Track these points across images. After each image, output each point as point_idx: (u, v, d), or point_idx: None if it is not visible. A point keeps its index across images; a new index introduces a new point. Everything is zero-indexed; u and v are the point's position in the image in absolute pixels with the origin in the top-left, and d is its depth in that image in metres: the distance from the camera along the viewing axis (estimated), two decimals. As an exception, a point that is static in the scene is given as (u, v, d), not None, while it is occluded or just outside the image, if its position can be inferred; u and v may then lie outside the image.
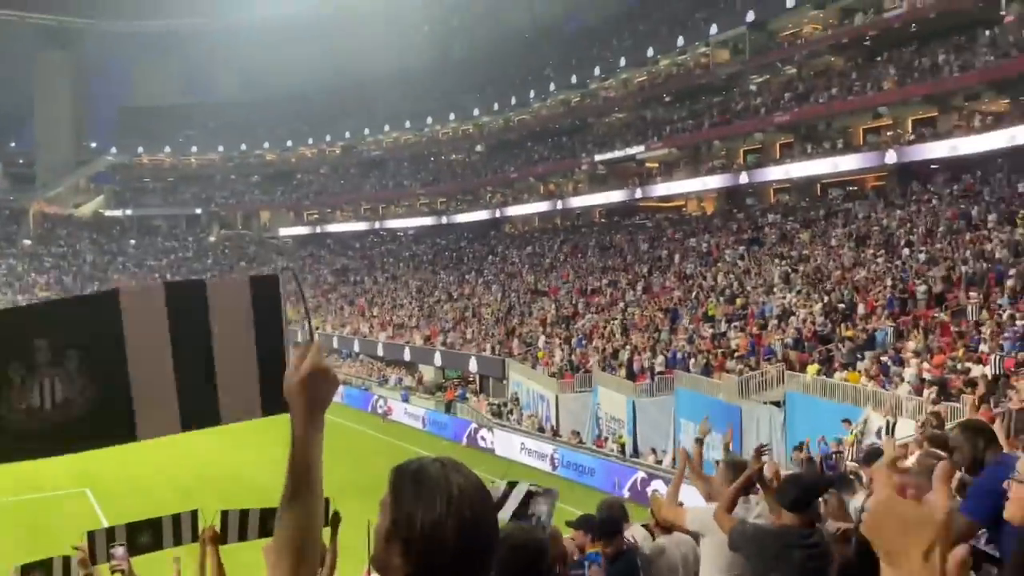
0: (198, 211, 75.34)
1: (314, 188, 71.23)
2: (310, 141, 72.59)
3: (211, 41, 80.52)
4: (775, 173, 36.72)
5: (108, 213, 76.23)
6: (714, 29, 42.43)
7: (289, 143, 73.51)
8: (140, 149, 77.66)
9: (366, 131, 68.81)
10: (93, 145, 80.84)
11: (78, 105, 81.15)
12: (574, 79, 52.40)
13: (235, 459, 22.05)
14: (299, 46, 75.03)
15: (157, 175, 78.54)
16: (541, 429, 26.12)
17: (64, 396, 1.26)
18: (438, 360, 36.88)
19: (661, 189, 42.34)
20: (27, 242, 71.82)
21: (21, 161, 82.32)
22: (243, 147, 75.54)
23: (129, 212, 75.53)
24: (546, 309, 35.01)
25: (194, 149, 77.77)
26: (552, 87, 54.02)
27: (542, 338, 31.45)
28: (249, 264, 66.62)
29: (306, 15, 73.90)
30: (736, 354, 22.23)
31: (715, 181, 39.49)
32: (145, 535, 5.41)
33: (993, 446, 3.44)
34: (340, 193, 68.45)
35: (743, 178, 37.79)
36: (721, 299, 27.15)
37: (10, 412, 1.24)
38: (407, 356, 39.14)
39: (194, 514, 5.54)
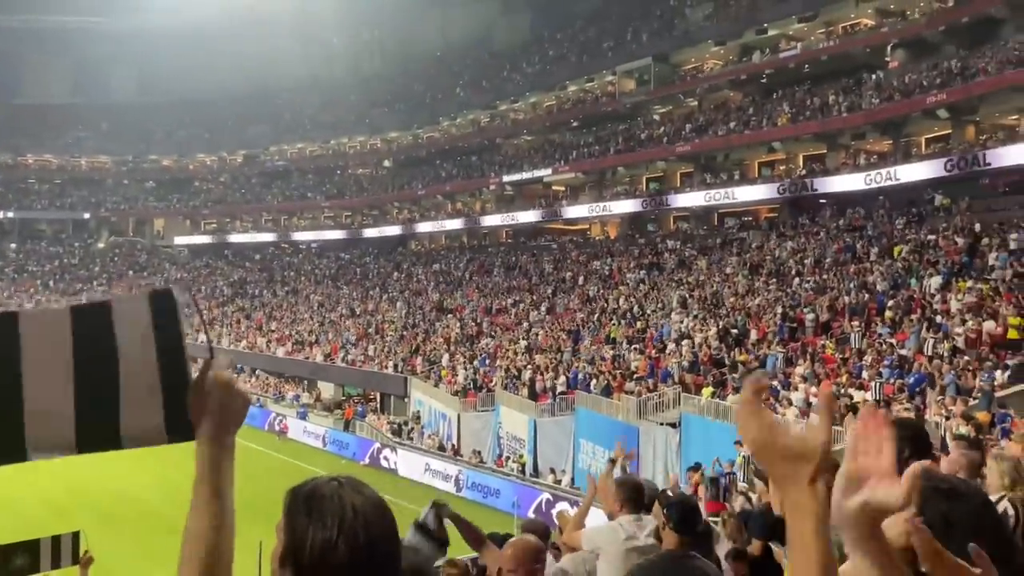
0: (86, 216, 71.64)
1: (213, 196, 68.97)
2: (212, 148, 70.41)
3: (107, 41, 77.10)
4: (677, 201, 37.91)
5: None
6: (618, 59, 43.68)
7: (187, 149, 71.12)
8: (26, 149, 73.43)
9: (270, 141, 67.33)
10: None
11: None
12: (483, 100, 52.84)
13: (112, 474, 20.95)
14: (203, 51, 72.76)
15: (43, 176, 74.30)
16: (442, 448, 25.95)
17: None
18: (337, 377, 36.19)
19: (578, 211, 42.80)
20: None
21: None
22: (139, 151, 72.56)
23: (11, 215, 71.07)
24: (451, 327, 34.92)
25: (84, 151, 74.14)
26: (462, 107, 54.28)
27: (446, 356, 31.33)
28: (139, 273, 63.77)
29: (213, 20, 71.80)
30: (635, 375, 22.72)
31: (621, 206, 40.42)
32: (21, 557, 5.09)
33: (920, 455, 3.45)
34: (240, 203, 66.54)
35: (646, 204, 38.89)
36: (622, 321, 27.72)
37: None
38: (305, 372, 38.24)
39: (75, 536, 5.24)
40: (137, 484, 20.73)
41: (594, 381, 23.48)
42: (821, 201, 32.10)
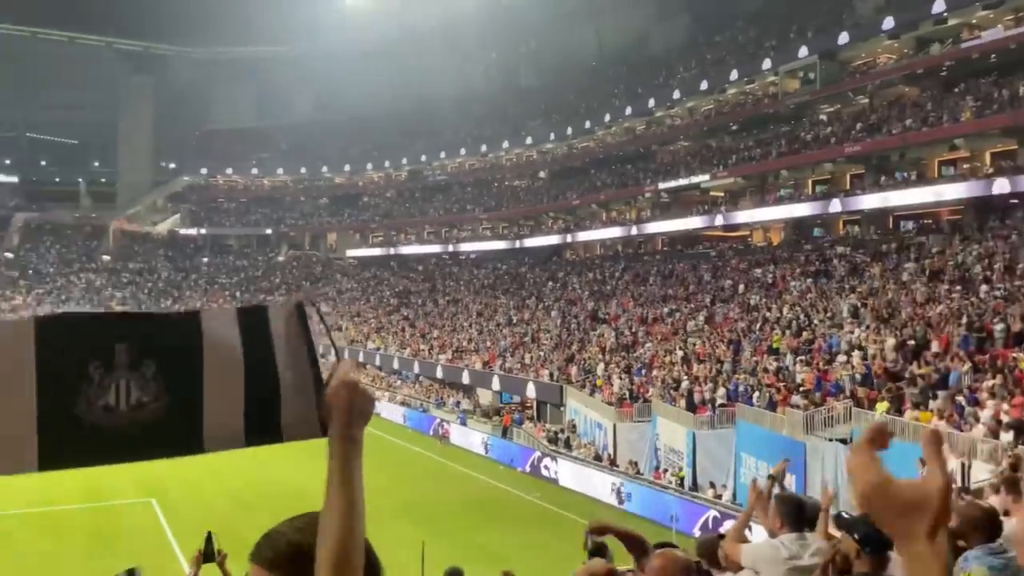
0: (268, 231, 77.44)
1: (380, 211, 72.54)
2: (379, 165, 74.10)
3: (287, 66, 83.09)
4: (845, 204, 35.84)
5: (183, 231, 78.94)
6: (781, 58, 41.96)
7: (357, 166, 75.20)
8: (216, 170, 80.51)
9: (432, 155, 69.95)
10: (171, 166, 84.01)
11: (159, 128, 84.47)
12: (639, 107, 52.38)
13: (290, 471, 22.38)
14: (369, 71, 76.79)
15: (231, 196, 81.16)
16: (598, 458, 25.84)
17: (138, 399, 1.32)
18: (496, 384, 36.92)
19: (739, 217, 41.42)
20: (106, 258, 74.79)
21: (103, 180, 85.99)
22: (313, 169, 77.58)
23: (203, 231, 78.10)
24: (606, 337, 34.78)
25: (267, 171, 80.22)
26: (617, 115, 54.06)
27: (601, 365, 31.22)
28: (314, 284, 68.05)
29: (377, 41, 75.67)
30: (801, 388, 21.67)
31: (794, 210, 38.65)
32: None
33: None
34: (405, 216, 69.54)
35: (816, 208, 37.03)
36: (787, 332, 26.54)
37: (89, 407, 1.29)
38: (466, 379, 39.30)
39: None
40: (314, 481, 22.08)
41: (756, 394, 22.62)
42: (1012, 201, 29.36)
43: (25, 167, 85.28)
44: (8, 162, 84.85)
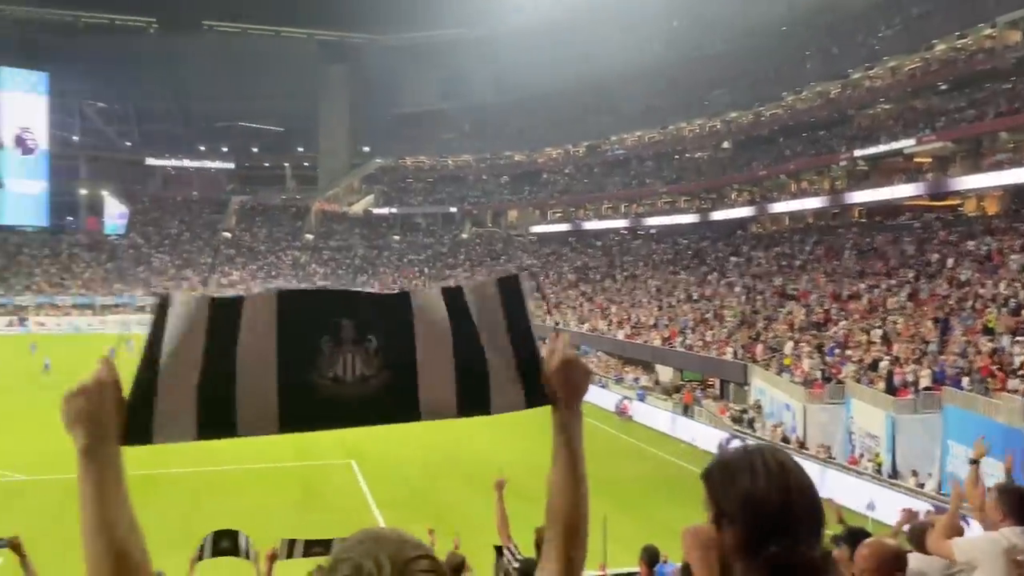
0: (453, 209, 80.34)
1: (559, 187, 73.10)
2: (558, 142, 74.56)
3: (469, 48, 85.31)
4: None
5: (376, 211, 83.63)
6: (1001, 8, 37.69)
7: (536, 144, 76.07)
8: (405, 152, 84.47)
9: (611, 130, 69.38)
10: (366, 149, 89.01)
11: (355, 113, 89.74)
12: (833, 69, 49.07)
13: (478, 444, 23.25)
14: (547, 49, 77.18)
15: (419, 176, 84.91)
16: (786, 440, 24.80)
17: (362, 372, 1.42)
18: (676, 361, 36.30)
19: (950, 185, 37.86)
20: (309, 236, 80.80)
21: (307, 164, 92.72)
22: (494, 148, 79.38)
23: (394, 210, 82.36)
24: (795, 314, 33.15)
25: (451, 151, 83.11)
26: (809, 79, 50.97)
27: (790, 344, 29.82)
28: (495, 260, 69.86)
29: (555, 18, 75.86)
30: (1020, 372, 19.62)
31: (1001, 178, 34.98)
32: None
33: None
34: (584, 192, 69.64)
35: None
36: (1003, 310, 24.07)
37: (320, 378, 1.41)
38: (645, 356, 38.93)
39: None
40: (498, 453, 22.82)
41: (967, 377, 20.74)
42: None
43: (239, 154, 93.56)
44: (225, 150, 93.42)
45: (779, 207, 49.63)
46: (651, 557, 6.66)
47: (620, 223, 63.99)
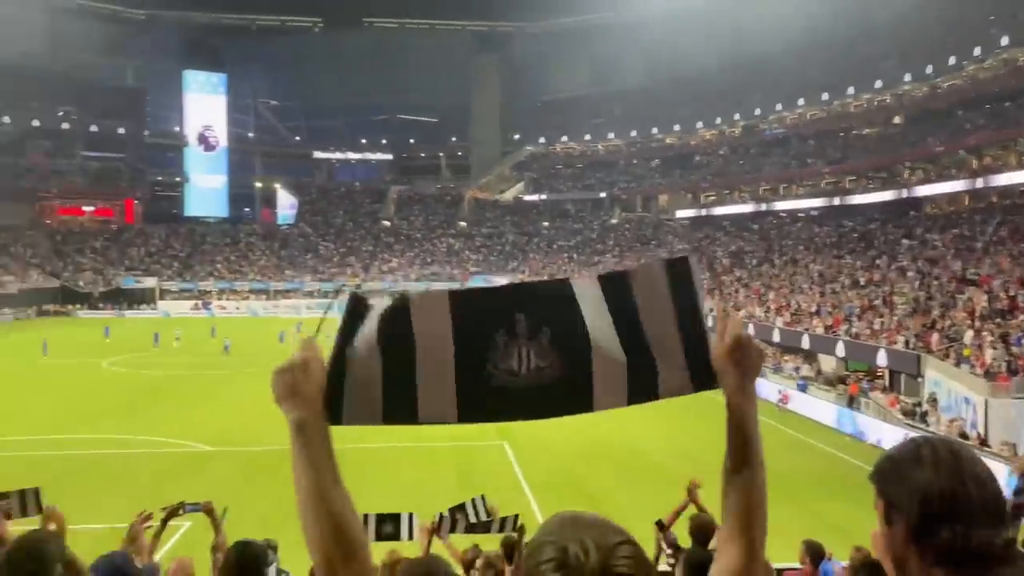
0: (602, 195, 79.92)
1: (712, 170, 71.00)
2: (711, 122, 72.39)
3: (618, 33, 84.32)
4: None
5: (527, 198, 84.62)
6: None
7: (688, 126, 74.17)
8: (554, 139, 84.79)
9: (768, 109, 66.51)
10: (516, 137, 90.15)
11: (505, 102, 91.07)
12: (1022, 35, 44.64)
13: (629, 430, 23.10)
14: (700, 27, 75.01)
15: (568, 162, 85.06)
16: (964, 436, 22.95)
17: (536, 364, 1.44)
18: (840, 351, 34.41)
19: None
20: (462, 224, 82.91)
21: (460, 154, 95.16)
22: (644, 132, 78.14)
23: (544, 197, 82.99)
24: (975, 300, 30.56)
25: (600, 136, 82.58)
26: (994, 46, 46.65)
27: (970, 333, 27.53)
28: (645, 246, 68.89)
29: (710, -4, 73.60)
30: None
31: None
32: (389, 525, 6.09)
33: None
34: (738, 174, 67.27)
35: None
36: None
37: (495, 370, 1.44)
38: (805, 344, 37.17)
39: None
40: (644, 437, 22.58)
41: None
42: None
43: (397, 146, 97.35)
44: (384, 142, 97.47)
45: (958, 185, 45.85)
46: (816, 554, 6.33)
47: (779, 205, 61.34)
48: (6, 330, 53.68)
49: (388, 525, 6.08)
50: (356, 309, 1.41)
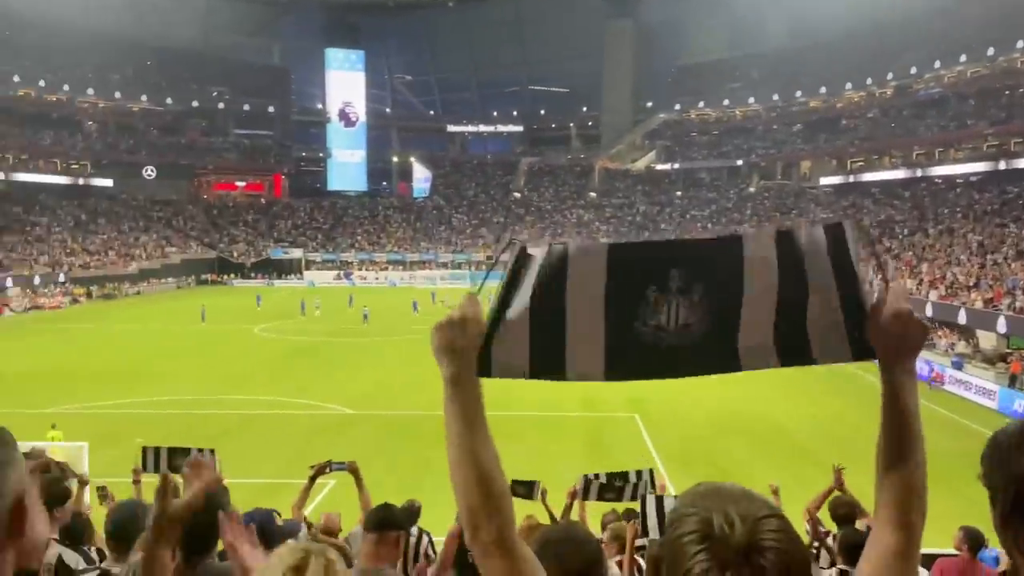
0: (739, 162, 77.13)
1: (860, 134, 66.97)
2: (860, 84, 68.20)
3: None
4: None
5: (659, 167, 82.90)
6: None
7: (834, 88, 70.18)
8: (689, 105, 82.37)
9: (924, 67, 61.87)
10: (648, 105, 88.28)
11: (638, 68, 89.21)
12: None
13: (766, 403, 22.38)
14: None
15: (703, 129, 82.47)
16: None
17: (684, 320, 1.40)
18: (1002, 326, 31.89)
19: None
20: (592, 195, 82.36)
21: (590, 124, 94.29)
22: (786, 95, 74.62)
23: (677, 165, 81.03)
24: None
25: (738, 101, 79.50)
26: None
27: None
28: (785, 215, 66.07)
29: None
30: None
31: None
32: (522, 488, 6.13)
33: None
34: (889, 138, 63.12)
35: None
36: None
37: (644, 327, 1.41)
38: (962, 319, 34.68)
39: (651, 472, 6.06)
40: (786, 415, 21.83)
41: None
42: None
43: (528, 117, 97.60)
44: (515, 114, 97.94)
45: None
46: (975, 541, 5.92)
47: (935, 170, 57.22)
48: (170, 297, 58.20)
49: (521, 488, 6.24)
50: (520, 260, 1.42)
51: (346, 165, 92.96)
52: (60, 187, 69.95)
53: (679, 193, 78.77)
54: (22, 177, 67.31)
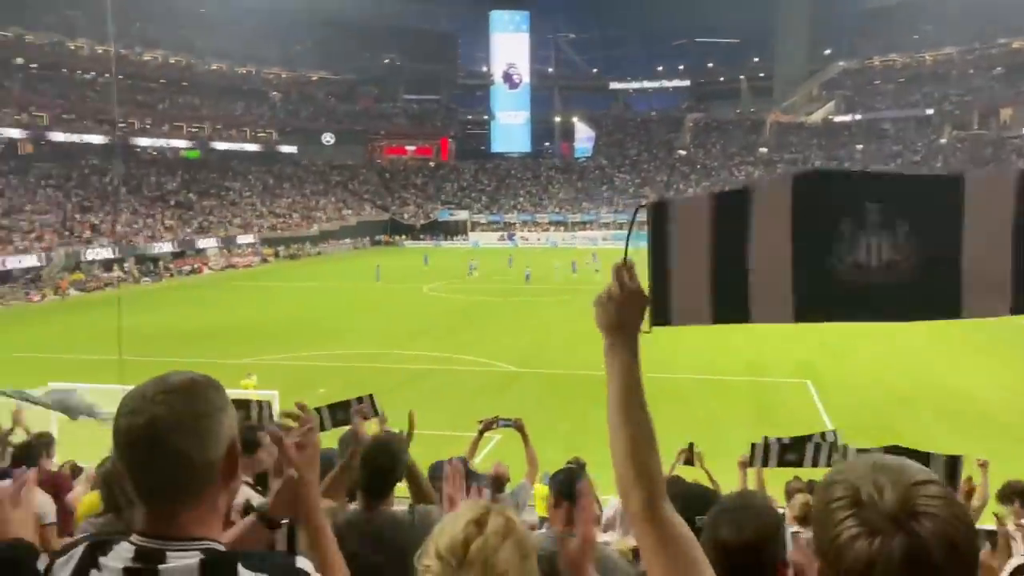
0: (929, 112, 70.97)
1: (1075, 75, 59.67)
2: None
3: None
4: None
5: (837, 119, 77.80)
6: None
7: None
8: (872, 51, 76.42)
9: None
10: (827, 53, 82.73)
11: (815, 14, 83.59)
12: None
13: (956, 371, 20.74)
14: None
15: (888, 76, 76.42)
16: None
17: (889, 258, 1.30)
18: None
19: None
20: (763, 150, 78.67)
21: (761, 75, 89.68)
22: (986, 37, 67.57)
23: (857, 117, 75.72)
24: None
25: (930, 46, 72.87)
26: None
27: None
28: (980, 168, 60.27)
29: None
30: None
31: None
32: (793, 453, 5.89)
33: None
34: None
35: None
36: None
37: (839, 263, 1.32)
38: None
39: (835, 433, 5.87)
40: (978, 384, 20.15)
41: None
42: None
43: (694, 71, 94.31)
44: (681, 68, 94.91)
45: None
46: None
47: None
48: (346, 257, 61.73)
49: (681, 454, 6.31)
50: (657, 214, 1.39)
51: (510, 127, 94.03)
52: (250, 154, 75.62)
53: (860, 146, 73.63)
54: (218, 145, 73.29)
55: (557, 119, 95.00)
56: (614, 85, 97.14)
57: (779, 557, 1.79)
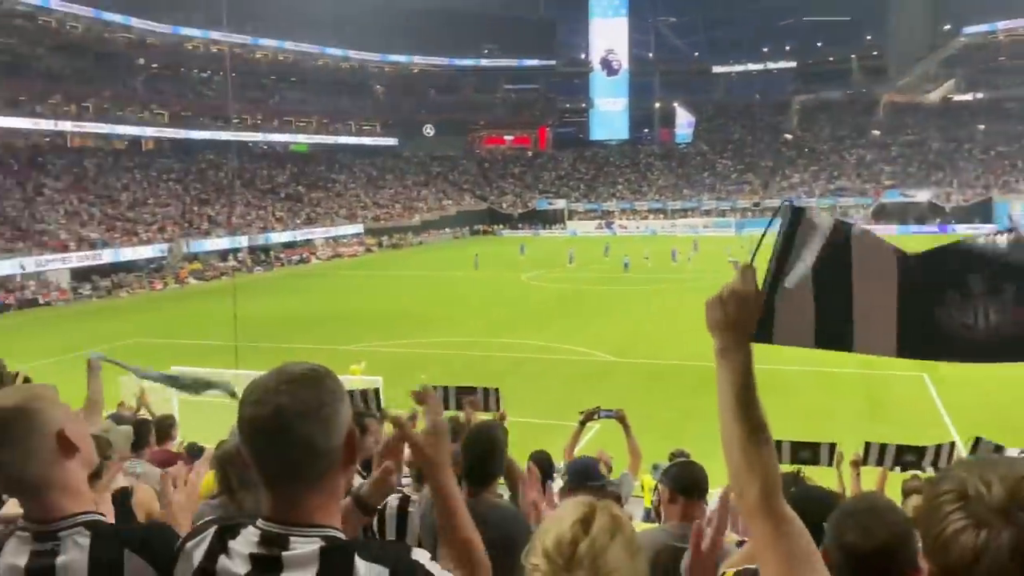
0: (1060, 88, 66.06)
1: None
2: None
3: None
4: None
5: (957, 98, 73.41)
6: None
7: None
8: (999, 23, 71.58)
9: None
10: (947, 27, 78.03)
11: (934, -13, 79.03)
12: None
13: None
14: None
15: (1016, 51, 71.44)
16: None
17: (997, 320, 1.30)
18: None
19: None
20: (876, 132, 75.08)
21: (874, 54, 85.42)
22: None
23: (981, 95, 71.25)
24: None
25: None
26: None
27: None
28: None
29: None
30: None
31: None
32: (806, 452, 5.67)
33: None
34: None
35: None
36: None
37: (947, 318, 1.32)
38: None
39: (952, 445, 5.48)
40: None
41: None
42: None
43: (801, 52, 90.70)
44: (787, 48, 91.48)
45: None
46: None
47: None
48: (447, 246, 62.69)
49: (805, 452, 5.94)
50: (795, 223, 1.36)
51: (608, 114, 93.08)
52: (354, 147, 77.70)
53: (982, 127, 69.24)
54: (323, 139, 75.65)
55: (656, 105, 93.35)
56: (716, 68, 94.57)
57: (911, 563, 1.68)
